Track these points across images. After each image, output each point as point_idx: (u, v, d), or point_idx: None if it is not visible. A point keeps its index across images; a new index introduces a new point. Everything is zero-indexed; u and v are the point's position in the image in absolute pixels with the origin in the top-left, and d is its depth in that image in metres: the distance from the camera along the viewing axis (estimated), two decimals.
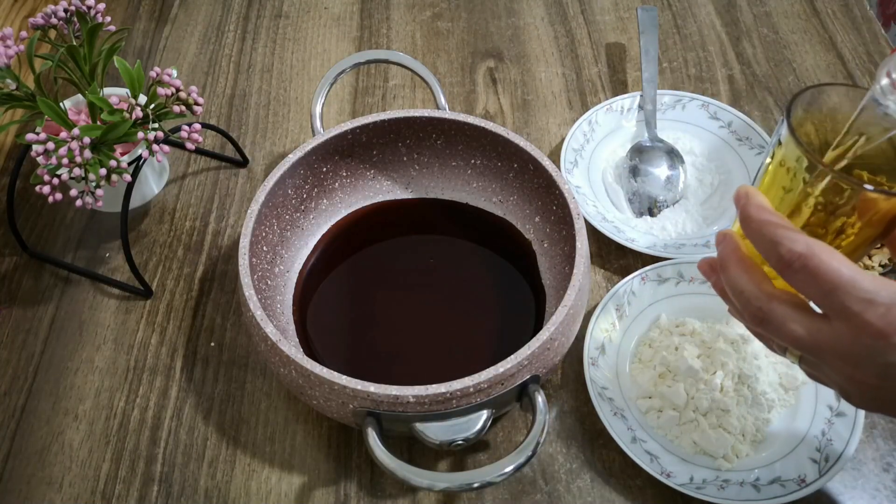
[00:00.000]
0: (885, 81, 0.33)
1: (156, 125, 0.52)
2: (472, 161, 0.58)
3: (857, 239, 0.36)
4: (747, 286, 0.36)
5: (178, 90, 0.52)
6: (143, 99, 0.53)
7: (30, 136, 0.49)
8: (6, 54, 0.52)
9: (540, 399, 0.44)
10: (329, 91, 0.58)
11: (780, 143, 0.36)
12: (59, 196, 0.50)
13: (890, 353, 0.31)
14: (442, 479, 0.41)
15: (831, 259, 0.32)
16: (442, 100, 0.58)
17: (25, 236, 0.61)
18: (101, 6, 0.56)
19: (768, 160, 0.37)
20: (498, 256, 0.57)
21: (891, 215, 0.35)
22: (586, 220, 0.56)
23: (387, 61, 0.60)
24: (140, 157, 0.53)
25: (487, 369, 0.42)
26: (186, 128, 0.53)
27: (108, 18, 0.56)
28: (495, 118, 0.70)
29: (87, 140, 0.49)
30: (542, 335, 0.44)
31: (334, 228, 0.59)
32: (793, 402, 0.50)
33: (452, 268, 0.57)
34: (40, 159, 0.49)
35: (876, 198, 0.34)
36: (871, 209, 0.34)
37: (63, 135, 0.50)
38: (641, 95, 0.67)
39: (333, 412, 0.45)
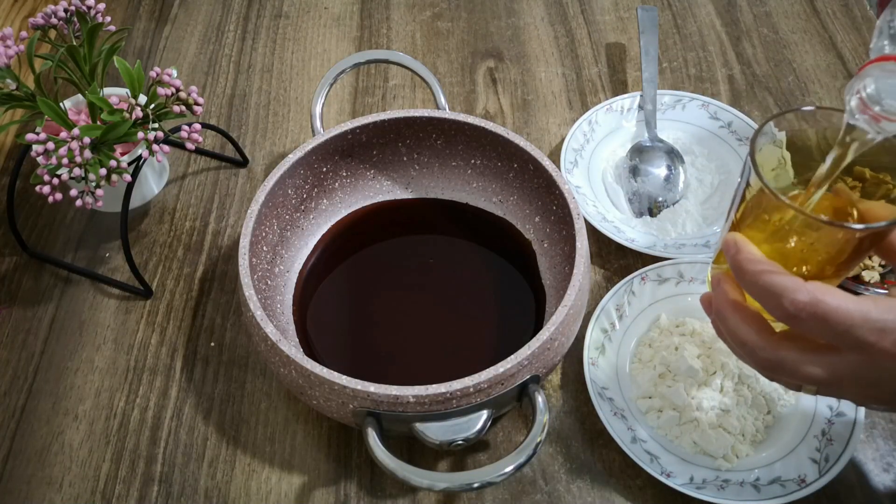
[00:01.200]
0: (854, 102, 0.33)
1: (156, 125, 0.52)
2: (472, 161, 0.58)
3: (850, 256, 0.36)
4: (750, 336, 0.35)
5: (178, 90, 0.52)
6: (143, 99, 0.53)
7: (30, 136, 0.49)
8: (6, 54, 0.52)
9: (540, 399, 0.44)
10: (329, 91, 0.58)
11: (748, 183, 0.36)
12: (59, 196, 0.50)
13: None
14: (442, 479, 0.41)
15: (836, 300, 0.32)
16: (442, 100, 0.58)
17: (25, 236, 0.61)
18: (101, 6, 0.56)
19: (744, 186, 0.37)
20: (498, 256, 0.57)
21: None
22: (586, 220, 0.56)
23: (387, 61, 0.60)
24: (140, 157, 0.53)
25: (487, 369, 0.42)
26: (186, 128, 0.53)
27: (108, 18, 0.56)
28: (495, 118, 0.70)
29: (87, 140, 0.49)
30: (542, 335, 0.44)
31: (334, 228, 0.59)
32: (793, 402, 0.50)
33: (452, 268, 0.57)
34: (40, 159, 0.49)
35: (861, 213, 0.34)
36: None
37: (63, 135, 0.50)
38: (641, 95, 0.67)
39: (333, 412, 0.45)
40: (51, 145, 0.49)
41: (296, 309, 0.54)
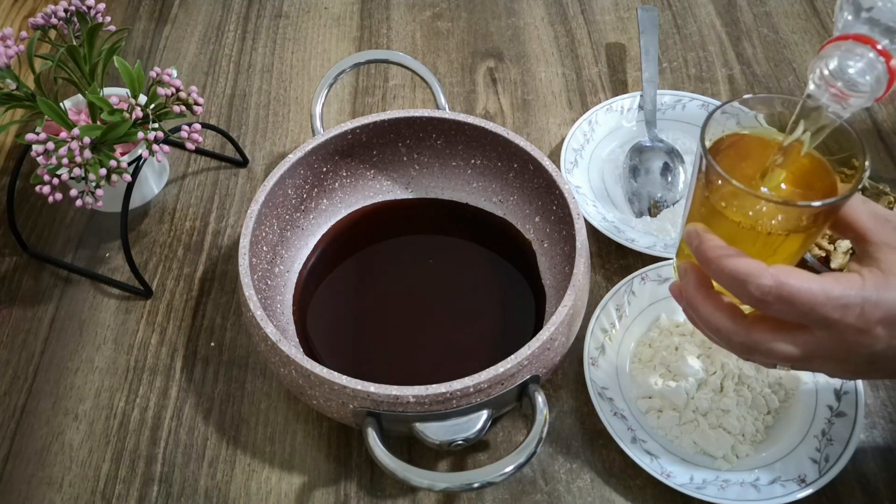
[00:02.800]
0: (816, 80, 0.34)
1: (156, 125, 0.52)
2: (472, 161, 0.58)
3: (807, 235, 0.37)
4: (723, 323, 0.37)
5: (178, 90, 0.52)
6: (143, 99, 0.53)
7: (30, 136, 0.49)
8: (6, 54, 0.52)
9: (540, 399, 0.44)
10: (329, 91, 0.58)
11: (701, 168, 0.37)
12: (59, 196, 0.50)
13: (874, 343, 0.34)
14: (442, 479, 0.41)
15: (799, 282, 0.33)
16: (442, 100, 0.58)
17: (25, 236, 0.61)
18: (101, 6, 0.56)
19: (697, 172, 0.38)
20: (498, 256, 0.57)
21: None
22: (586, 220, 0.56)
23: (387, 61, 0.60)
24: (140, 157, 0.53)
25: (487, 369, 0.42)
26: (186, 128, 0.53)
27: (108, 18, 0.56)
28: (495, 118, 0.70)
29: (87, 140, 0.49)
30: (542, 335, 0.44)
31: (334, 228, 0.59)
32: (793, 402, 0.50)
33: (452, 268, 0.57)
34: (40, 159, 0.49)
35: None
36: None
37: (63, 135, 0.50)
38: (641, 95, 0.67)
39: (333, 412, 0.45)
40: (51, 145, 0.49)
41: (296, 309, 0.54)
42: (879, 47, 0.32)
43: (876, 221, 0.36)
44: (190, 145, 0.53)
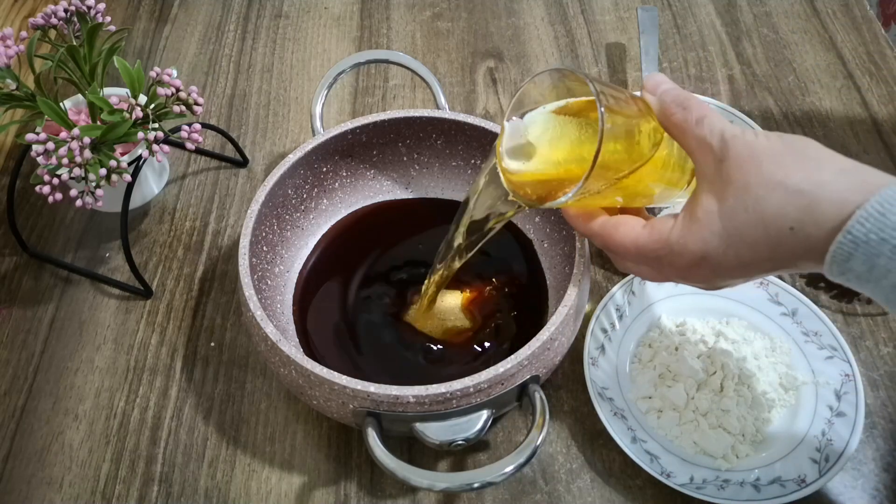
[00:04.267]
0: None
1: (156, 125, 0.52)
2: (472, 161, 0.58)
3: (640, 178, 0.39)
4: (605, 249, 0.41)
5: (178, 90, 0.52)
6: (143, 99, 0.53)
7: (30, 136, 0.49)
8: (6, 54, 0.52)
9: (540, 399, 0.44)
10: (329, 91, 0.58)
11: None
12: (59, 196, 0.50)
13: (699, 279, 0.37)
14: (442, 479, 0.41)
15: (616, 238, 0.38)
16: (442, 100, 0.58)
17: (25, 236, 0.61)
18: (101, 6, 0.56)
19: None
20: (498, 256, 0.57)
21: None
22: None
23: (387, 61, 0.60)
24: (140, 157, 0.53)
25: (487, 369, 0.42)
26: (186, 128, 0.53)
27: (108, 18, 0.56)
28: (495, 118, 0.70)
29: (87, 140, 0.49)
30: (542, 335, 0.44)
31: (334, 228, 0.59)
32: (793, 402, 0.50)
33: None
34: (40, 159, 0.49)
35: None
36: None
37: (63, 135, 0.50)
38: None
39: (333, 412, 0.45)
40: (51, 145, 0.49)
41: (296, 309, 0.54)
42: None
43: (709, 150, 0.35)
44: (190, 145, 0.53)
